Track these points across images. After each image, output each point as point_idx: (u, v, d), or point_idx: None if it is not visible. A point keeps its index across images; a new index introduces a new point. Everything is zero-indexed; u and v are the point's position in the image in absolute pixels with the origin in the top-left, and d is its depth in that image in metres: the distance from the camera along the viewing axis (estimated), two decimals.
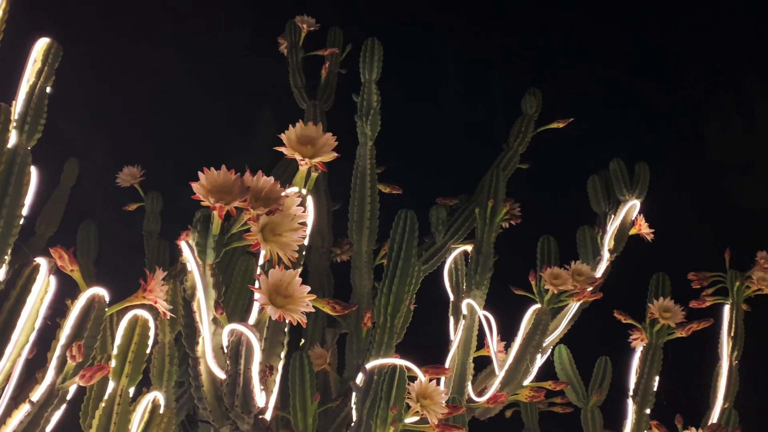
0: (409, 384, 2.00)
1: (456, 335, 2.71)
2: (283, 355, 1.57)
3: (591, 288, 2.48)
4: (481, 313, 2.67)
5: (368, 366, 2.19)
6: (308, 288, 1.44)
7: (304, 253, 1.59)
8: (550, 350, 2.89)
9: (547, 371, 2.94)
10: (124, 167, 3.07)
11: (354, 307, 1.79)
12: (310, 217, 1.60)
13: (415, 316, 2.74)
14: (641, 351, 2.56)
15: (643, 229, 2.88)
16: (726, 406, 2.70)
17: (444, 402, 1.98)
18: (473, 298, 2.68)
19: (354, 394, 2.19)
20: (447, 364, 2.69)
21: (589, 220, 3.12)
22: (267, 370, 1.47)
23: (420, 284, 2.74)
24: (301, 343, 2.82)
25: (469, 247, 2.82)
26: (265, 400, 1.52)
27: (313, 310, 1.42)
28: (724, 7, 4.77)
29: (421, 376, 2.07)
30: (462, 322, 2.70)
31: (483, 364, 2.82)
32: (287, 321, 1.48)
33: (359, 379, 2.21)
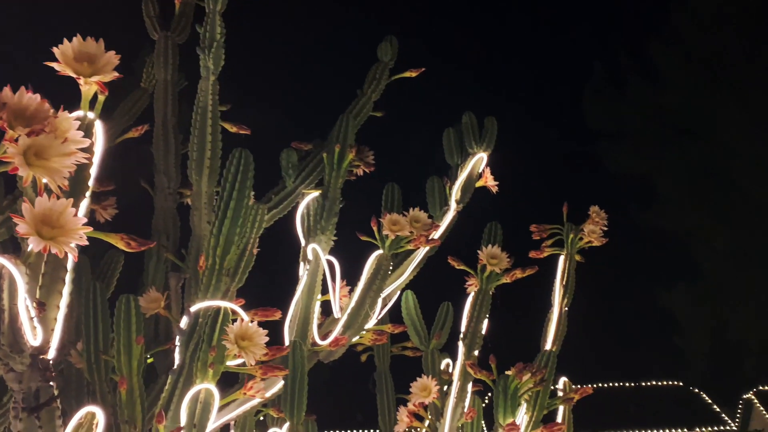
0: (228, 326, 1.96)
1: (301, 280, 2.70)
2: (66, 292, 1.46)
3: (429, 235, 2.53)
4: (325, 257, 2.66)
5: (193, 309, 2.13)
6: (84, 220, 1.34)
7: (90, 182, 1.48)
8: (397, 295, 2.95)
9: (398, 315, 3.02)
10: None
11: (152, 243, 1.70)
12: (98, 144, 1.49)
13: (266, 260, 2.70)
14: (472, 296, 2.67)
15: (489, 181, 2.97)
16: (553, 349, 2.88)
17: (264, 343, 1.96)
18: (318, 243, 2.66)
19: (177, 337, 2.13)
20: (291, 309, 2.67)
21: (445, 171, 3.18)
22: (37, 307, 1.37)
23: (267, 228, 2.70)
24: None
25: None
26: (43, 338, 1.42)
27: (86, 242, 1.33)
28: None
29: (245, 317, 2.03)
30: (307, 267, 2.68)
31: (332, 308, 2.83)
32: (70, 256, 1.37)
33: (183, 322, 2.15)
